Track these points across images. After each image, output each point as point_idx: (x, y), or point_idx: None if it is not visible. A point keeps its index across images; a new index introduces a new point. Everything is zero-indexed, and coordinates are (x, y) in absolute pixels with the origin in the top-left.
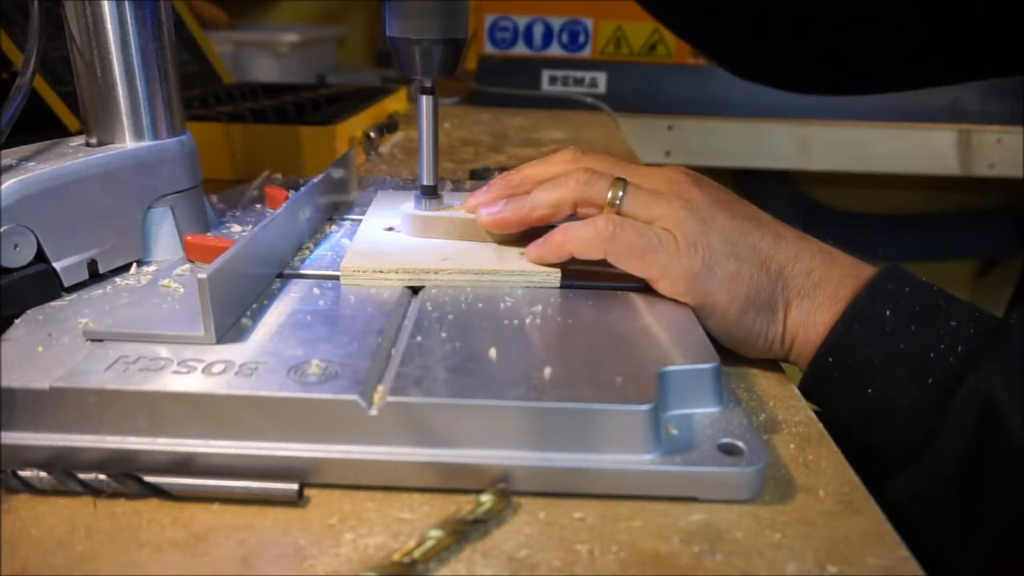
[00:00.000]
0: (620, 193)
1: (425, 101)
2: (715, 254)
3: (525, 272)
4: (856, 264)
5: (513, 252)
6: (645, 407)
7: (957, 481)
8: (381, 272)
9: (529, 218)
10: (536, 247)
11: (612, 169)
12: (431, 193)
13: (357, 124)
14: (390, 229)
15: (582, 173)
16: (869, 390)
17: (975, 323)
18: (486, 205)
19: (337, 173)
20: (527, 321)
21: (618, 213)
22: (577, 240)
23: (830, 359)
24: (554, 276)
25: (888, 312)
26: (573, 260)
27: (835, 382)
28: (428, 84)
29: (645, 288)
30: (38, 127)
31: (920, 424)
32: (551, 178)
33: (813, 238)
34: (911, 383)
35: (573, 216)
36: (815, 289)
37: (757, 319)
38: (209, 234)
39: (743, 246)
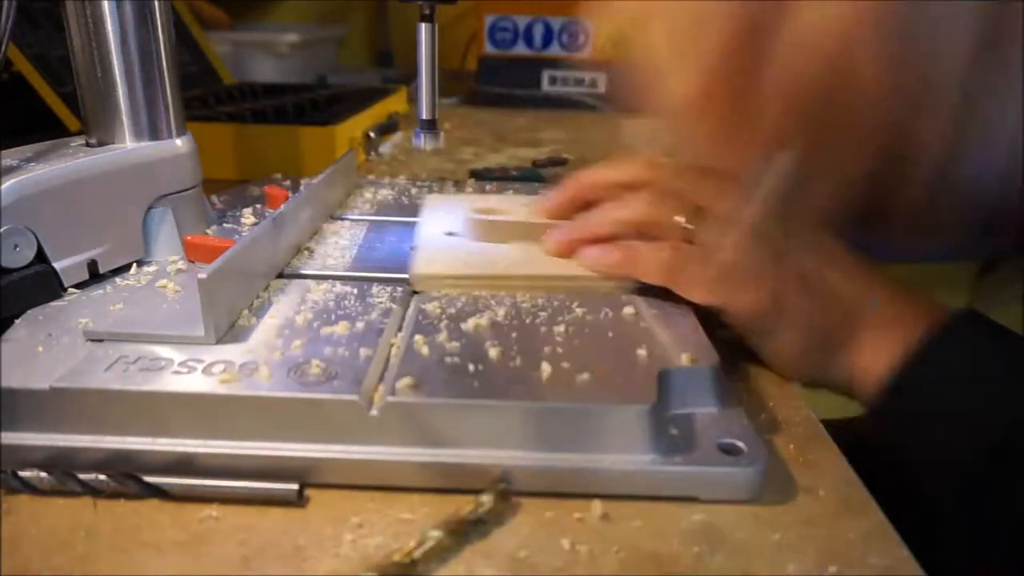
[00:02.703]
0: (689, 224)
1: (424, 29)
2: (783, 288)
3: (598, 279)
4: (931, 304)
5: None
6: (645, 407)
7: (1012, 555)
8: (452, 278)
9: (594, 237)
10: (597, 261)
11: (687, 183)
12: (430, 127)
13: (357, 124)
14: (450, 234)
15: (648, 193)
16: (930, 438)
17: None
18: (555, 233)
19: (337, 173)
20: (527, 321)
21: (686, 240)
22: (641, 266)
23: (891, 403)
24: (628, 284)
25: (957, 359)
26: None
27: (894, 426)
28: (427, 11)
29: (645, 289)
30: (38, 127)
31: (978, 482)
32: (623, 183)
33: (883, 272)
34: (973, 434)
35: None
36: (884, 328)
37: (819, 357)
38: (209, 234)
39: (814, 281)
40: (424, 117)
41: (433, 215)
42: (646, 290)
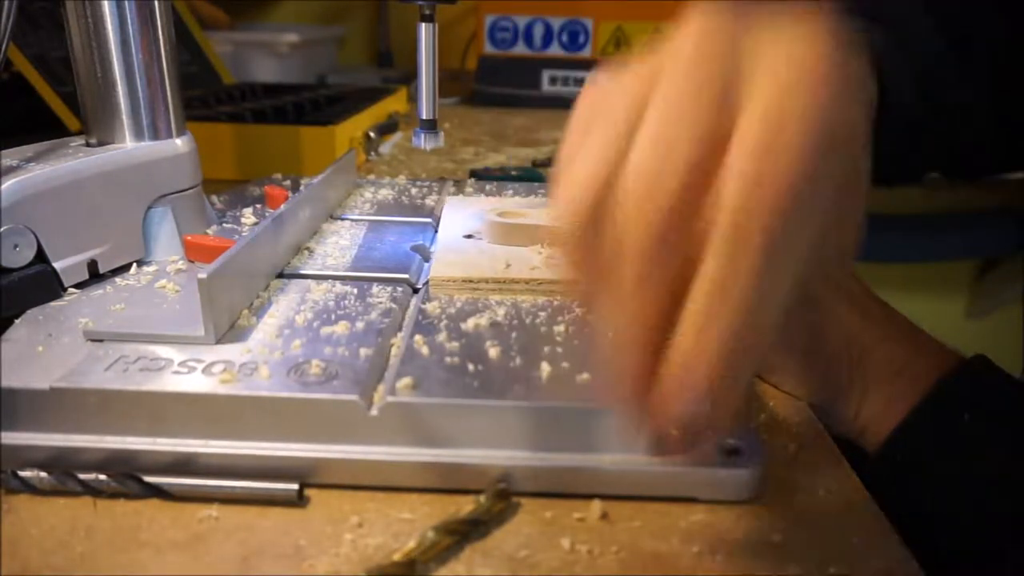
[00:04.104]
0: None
1: (425, 29)
2: (790, 328)
3: None
4: (942, 351)
5: None
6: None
7: None
8: (471, 282)
9: None
10: None
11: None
12: (430, 127)
13: (357, 124)
14: (469, 236)
15: None
16: (933, 496)
17: None
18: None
19: (337, 173)
20: (527, 321)
21: None
22: None
23: (896, 457)
24: None
25: (966, 414)
26: None
27: (898, 481)
28: (428, 11)
29: None
30: (38, 127)
31: (984, 542)
32: None
33: (900, 315)
34: (980, 496)
35: None
36: (895, 378)
37: (829, 402)
38: (209, 234)
39: (829, 323)
40: (424, 117)
41: (452, 218)
42: None
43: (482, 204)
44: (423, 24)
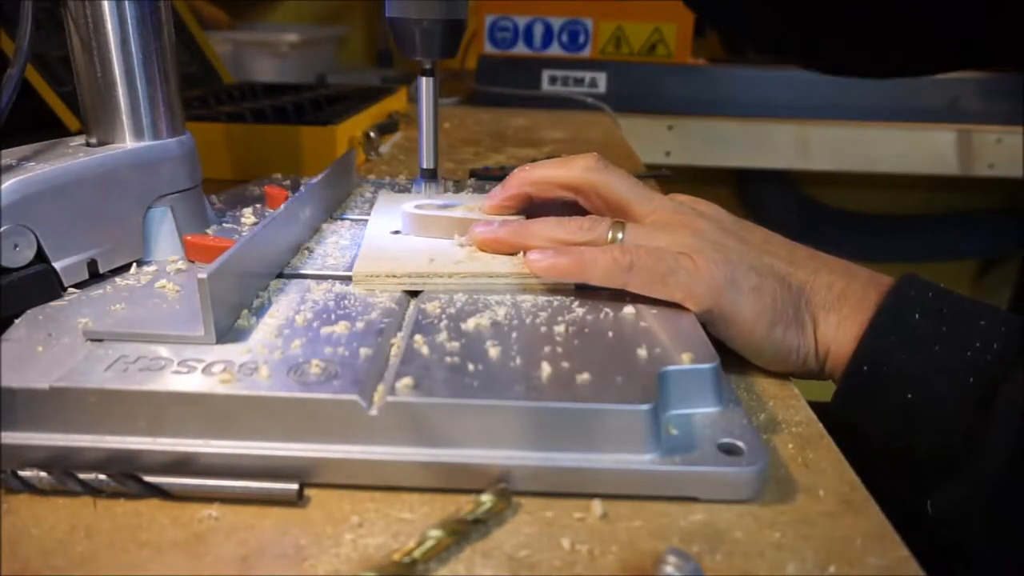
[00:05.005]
0: (619, 235)
1: (425, 83)
2: (736, 268)
3: (538, 278)
4: (875, 275)
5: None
6: (645, 407)
7: (1005, 488)
8: (394, 277)
9: (523, 247)
10: (546, 267)
11: (624, 193)
12: (431, 177)
13: (357, 124)
14: (396, 232)
15: (585, 221)
16: (908, 395)
17: (1003, 322)
18: (485, 226)
19: (337, 173)
20: (527, 321)
21: None
22: (595, 270)
23: (864, 368)
24: (568, 284)
25: (916, 316)
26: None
27: (871, 392)
28: (428, 66)
29: None
30: (38, 127)
31: (964, 426)
32: (567, 185)
33: (826, 254)
34: (950, 384)
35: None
36: (839, 302)
37: (787, 334)
38: (209, 234)
39: (760, 265)
40: (424, 166)
41: (381, 214)
42: None
43: (412, 200)
44: (423, 78)
